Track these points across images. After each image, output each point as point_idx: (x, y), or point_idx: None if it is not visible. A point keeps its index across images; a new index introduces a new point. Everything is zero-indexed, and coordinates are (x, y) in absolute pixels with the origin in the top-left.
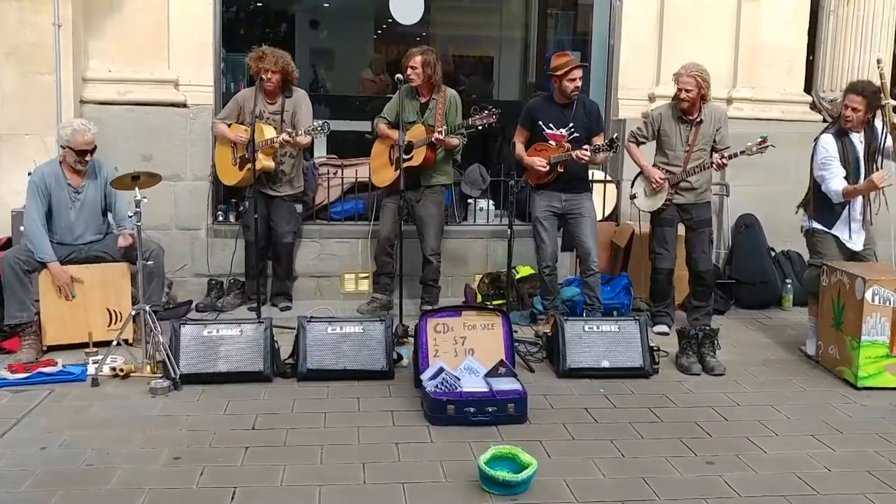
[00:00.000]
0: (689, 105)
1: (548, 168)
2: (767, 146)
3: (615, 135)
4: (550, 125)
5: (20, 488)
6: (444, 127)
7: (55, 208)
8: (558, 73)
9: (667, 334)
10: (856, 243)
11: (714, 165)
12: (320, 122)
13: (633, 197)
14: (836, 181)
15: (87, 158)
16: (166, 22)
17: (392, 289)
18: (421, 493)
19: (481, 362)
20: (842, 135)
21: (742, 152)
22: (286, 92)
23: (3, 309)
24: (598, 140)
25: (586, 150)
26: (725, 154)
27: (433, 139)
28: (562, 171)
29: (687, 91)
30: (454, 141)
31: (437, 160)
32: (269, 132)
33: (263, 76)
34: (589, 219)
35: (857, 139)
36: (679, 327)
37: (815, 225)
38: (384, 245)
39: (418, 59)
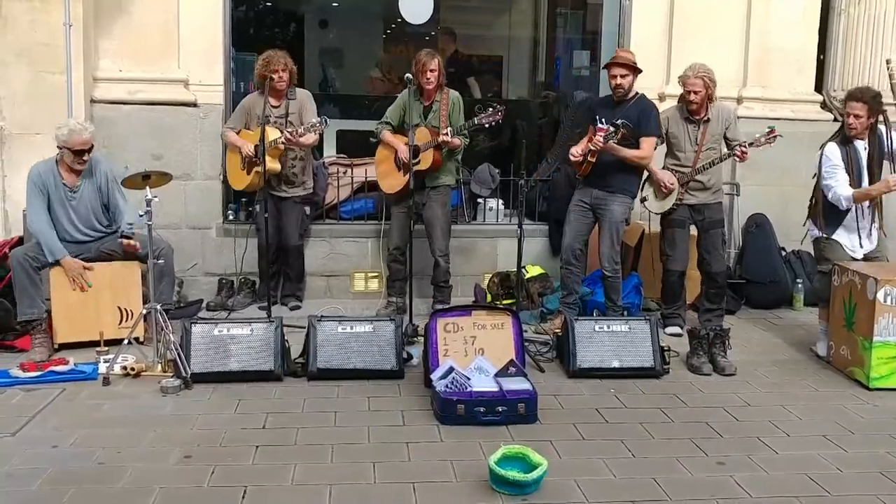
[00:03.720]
0: (697, 106)
1: (581, 157)
2: (776, 136)
3: (619, 120)
4: (602, 119)
5: (32, 486)
6: (450, 127)
7: (51, 207)
8: (606, 67)
9: (680, 335)
10: (864, 249)
11: (738, 156)
12: (318, 118)
13: (643, 199)
14: (842, 187)
15: (86, 158)
16: (176, 21)
17: (406, 291)
18: (431, 492)
19: (491, 362)
20: (846, 142)
21: (751, 144)
22: (289, 94)
23: (14, 306)
24: (647, 141)
25: (599, 137)
26: (742, 144)
27: (440, 140)
28: (592, 160)
29: (695, 92)
30: (457, 142)
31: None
32: (273, 134)
33: (274, 76)
34: (608, 222)
35: (862, 146)
36: (690, 327)
37: (823, 234)
38: (395, 254)
39: (435, 63)
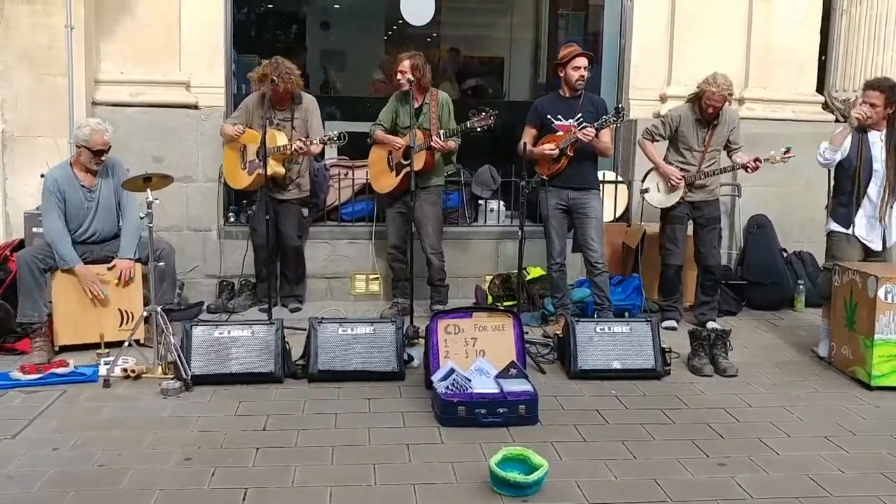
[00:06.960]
0: (712, 116)
1: (557, 153)
2: (791, 156)
3: (619, 104)
4: (559, 116)
5: (33, 489)
6: (442, 131)
7: (70, 210)
8: (563, 62)
9: (675, 329)
10: (876, 242)
11: (748, 169)
12: (336, 132)
13: (644, 191)
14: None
15: (103, 158)
16: (178, 24)
17: (410, 292)
18: (432, 494)
19: (492, 363)
20: (860, 131)
21: (766, 160)
22: (295, 99)
23: (15, 309)
24: (606, 134)
25: (591, 127)
26: (757, 158)
27: (431, 144)
28: (571, 155)
29: (714, 107)
30: (451, 144)
31: (435, 163)
32: (280, 139)
33: (268, 84)
34: (594, 219)
35: (878, 137)
36: (690, 328)
37: (833, 226)
38: (394, 253)
39: (406, 63)
